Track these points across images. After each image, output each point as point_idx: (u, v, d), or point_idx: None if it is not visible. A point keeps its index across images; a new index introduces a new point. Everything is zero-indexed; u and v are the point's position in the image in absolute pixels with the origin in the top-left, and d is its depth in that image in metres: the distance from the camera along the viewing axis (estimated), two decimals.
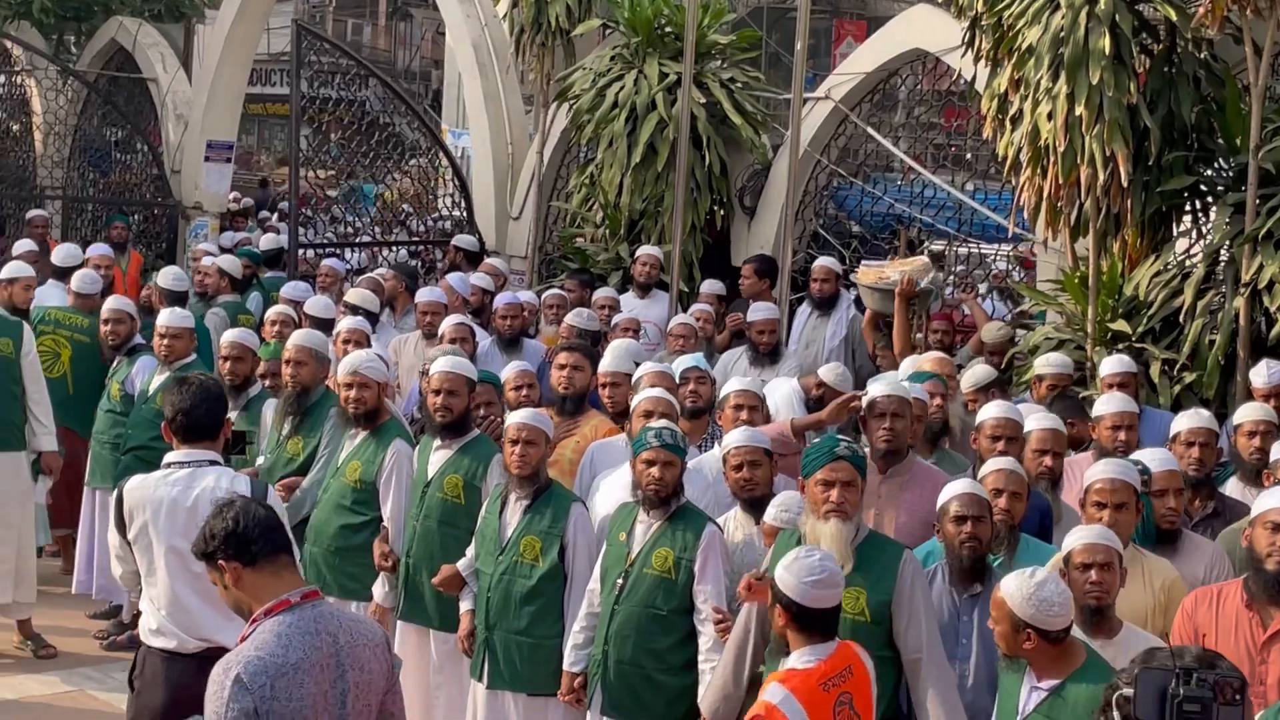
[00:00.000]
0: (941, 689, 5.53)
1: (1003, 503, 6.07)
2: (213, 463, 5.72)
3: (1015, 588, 4.98)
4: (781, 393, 7.98)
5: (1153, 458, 6.47)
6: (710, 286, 11.63)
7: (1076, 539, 5.49)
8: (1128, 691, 3.61)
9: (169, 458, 5.76)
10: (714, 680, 5.97)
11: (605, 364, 8.28)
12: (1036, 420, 6.96)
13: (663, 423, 6.60)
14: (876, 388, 6.86)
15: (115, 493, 5.82)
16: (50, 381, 9.65)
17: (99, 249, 12.66)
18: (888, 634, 5.60)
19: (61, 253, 11.67)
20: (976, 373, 8.45)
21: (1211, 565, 6.16)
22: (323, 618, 4.36)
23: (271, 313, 10.17)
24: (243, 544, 4.37)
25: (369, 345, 8.97)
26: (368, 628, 4.55)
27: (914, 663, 5.56)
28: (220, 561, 4.39)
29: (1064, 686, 4.97)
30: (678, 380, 7.90)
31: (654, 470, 6.30)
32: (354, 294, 10.70)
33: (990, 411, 7.02)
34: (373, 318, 10.43)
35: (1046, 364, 8.52)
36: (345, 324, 9.47)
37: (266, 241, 14.52)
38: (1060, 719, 4.94)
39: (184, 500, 5.61)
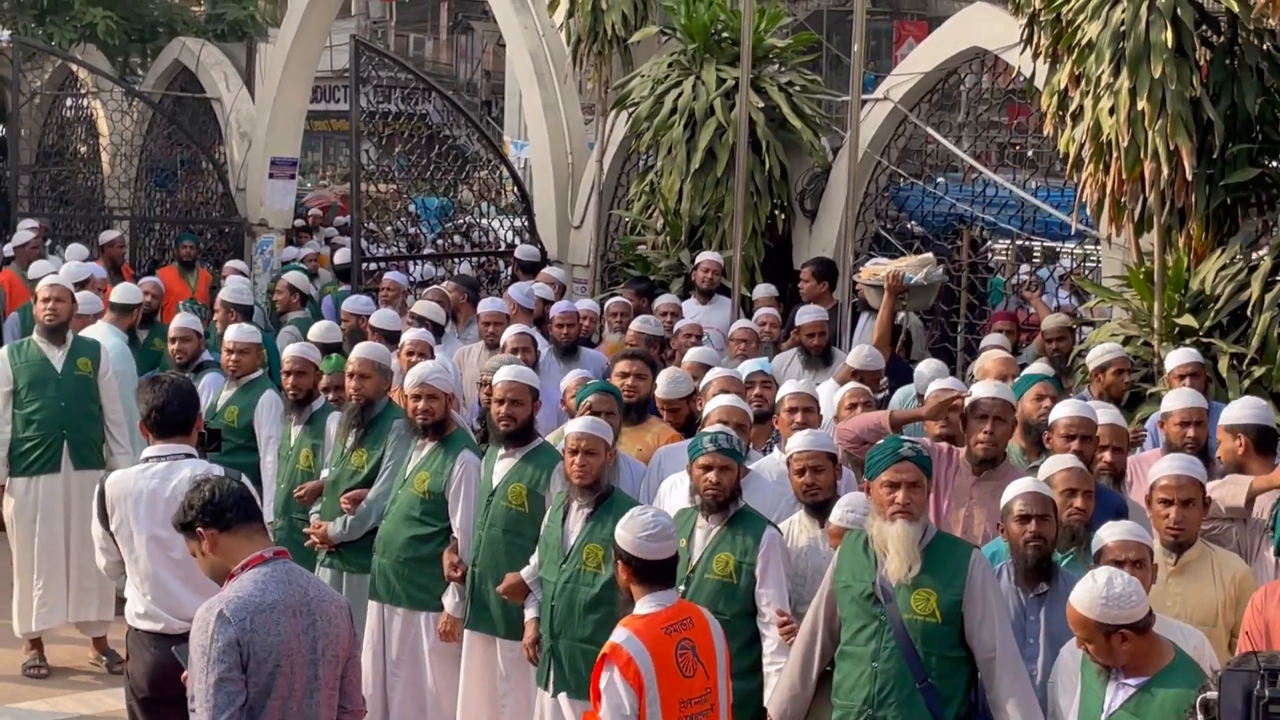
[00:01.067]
0: (1018, 688, 5.49)
1: (1078, 502, 6.05)
2: (188, 455, 6.19)
3: (1088, 598, 4.90)
4: (830, 398, 7.96)
5: None
6: (764, 290, 11.59)
7: (1109, 535, 5.47)
8: (1212, 695, 3.55)
9: (146, 452, 6.22)
10: (781, 681, 5.96)
11: (662, 390, 8.24)
12: (1100, 416, 6.90)
13: (718, 427, 6.59)
14: (981, 388, 6.84)
15: (97, 486, 6.24)
16: None
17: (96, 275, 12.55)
18: (959, 635, 5.56)
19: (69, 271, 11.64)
20: (1035, 371, 8.38)
21: None
22: (293, 572, 4.92)
23: (312, 334, 10.15)
24: (218, 512, 4.89)
25: (433, 357, 9.01)
26: (332, 591, 5.17)
27: (989, 662, 5.52)
28: (199, 529, 4.92)
29: (1153, 683, 4.90)
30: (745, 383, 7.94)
31: (711, 475, 6.29)
32: (420, 306, 10.74)
33: (1064, 410, 6.94)
34: (438, 329, 10.47)
35: (1106, 352, 8.43)
36: (410, 336, 9.51)
37: (340, 256, 14.62)
38: (1148, 716, 4.86)
39: (163, 491, 6.06)
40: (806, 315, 10.10)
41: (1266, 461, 6.79)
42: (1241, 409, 7.05)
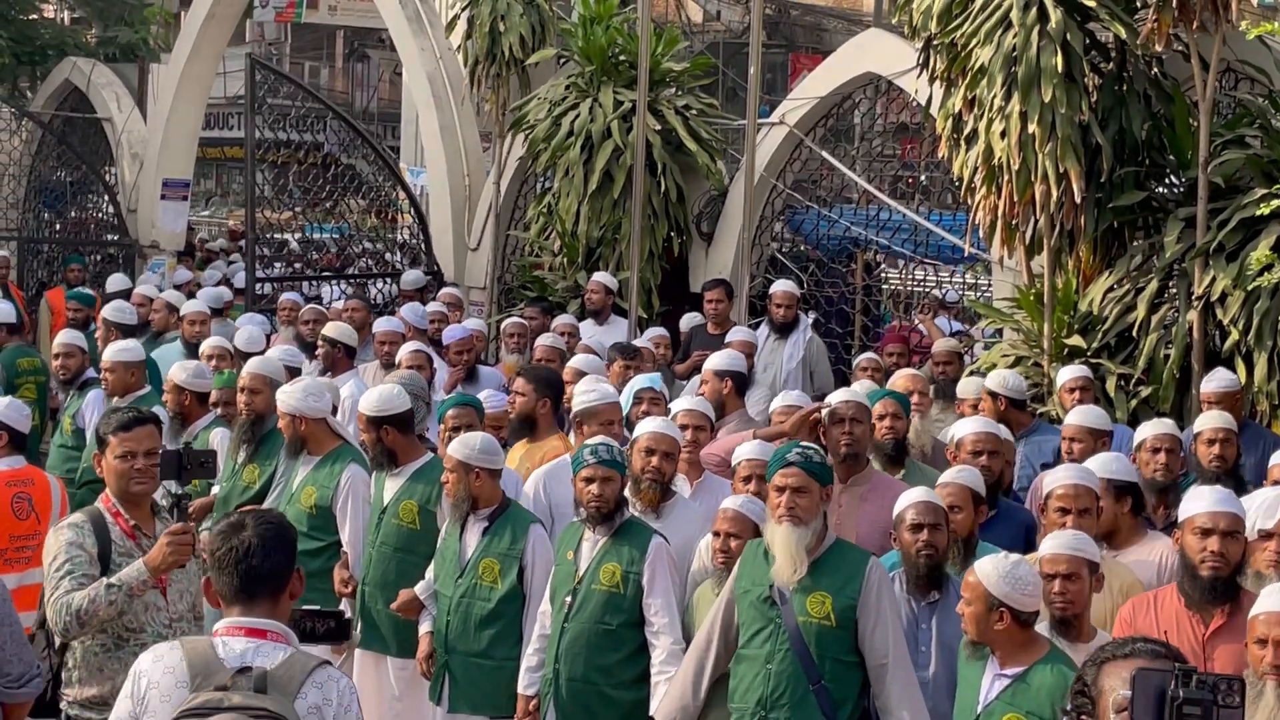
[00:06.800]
0: (907, 694, 5.52)
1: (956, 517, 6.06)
2: None
3: (990, 567, 5.05)
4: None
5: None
6: (652, 333, 11.44)
7: (1045, 548, 5.50)
8: (1125, 693, 3.55)
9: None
10: (671, 689, 5.94)
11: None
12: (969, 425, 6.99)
13: (600, 439, 6.57)
14: (836, 395, 6.90)
15: None
16: None
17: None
18: (853, 639, 5.58)
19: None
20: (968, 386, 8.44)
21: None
22: None
23: (207, 346, 10.04)
24: None
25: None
26: None
27: (880, 668, 5.55)
28: None
29: (1029, 674, 4.99)
30: (632, 400, 7.92)
31: (593, 487, 6.27)
32: (331, 328, 10.57)
33: (969, 427, 7.01)
34: (350, 351, 10.35)
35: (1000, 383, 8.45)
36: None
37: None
38: (1024, 705, 4.96)
39: None
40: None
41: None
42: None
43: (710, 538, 6.42)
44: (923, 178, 14.14)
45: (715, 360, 8.60)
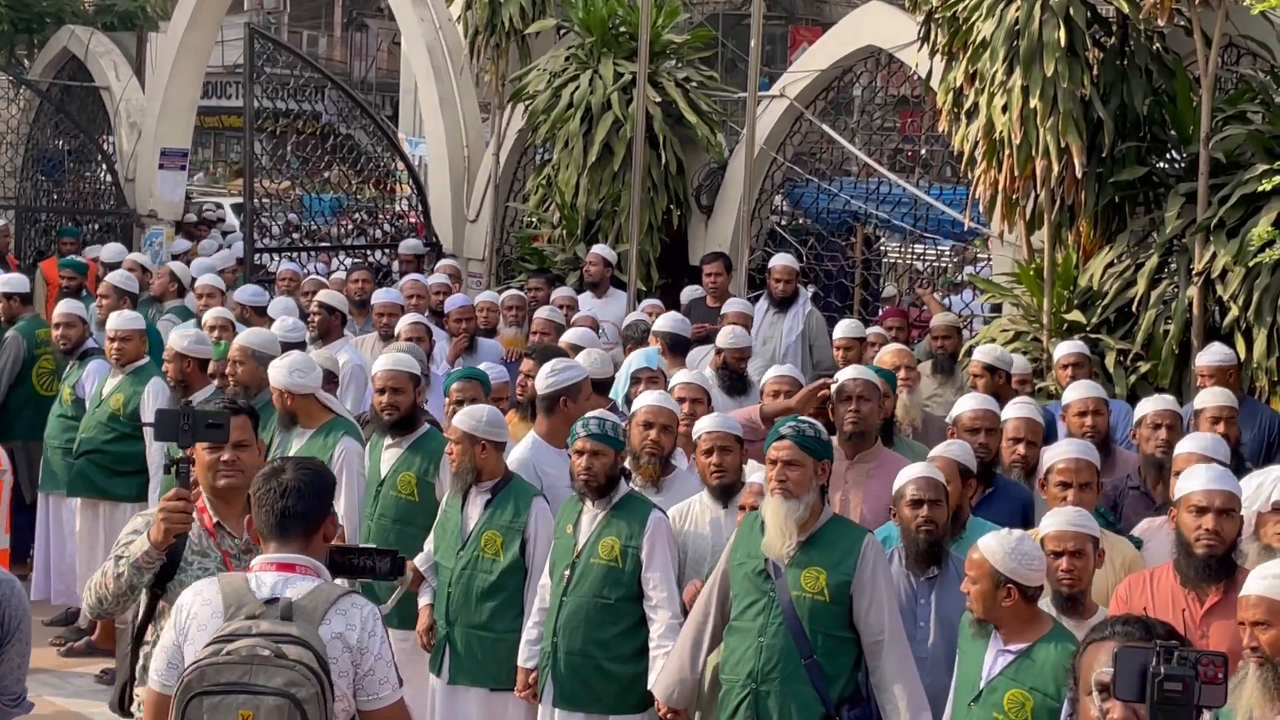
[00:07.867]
0: (902, 670, 5.53)
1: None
2: None
3: (995, 544, 5.06)
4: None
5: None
6: (647, 304, 11.45)
7: (1049, 524, 5.49)
8: (1108, 671, 3.56)
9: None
10: (669, 664, 5.95)
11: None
12: (1013, 410, 6.98)
13: (596, 413, 6.57)
14: (844, 372, 6.91)
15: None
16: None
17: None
18: (847, 615, 5.58)
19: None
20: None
21: None
22: None
23: (209, 316, 10.04)
24: None
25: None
26: None
27: (875, 644, 5.55)
28: None
29: (1032, 649, 5.01)
30: (629, 380, 7.91)
31: (583, 460, 6.27)
32: (327, 294, 10.55)
33: (967, 404, 7.02)
34: (344, 318, 10.35)
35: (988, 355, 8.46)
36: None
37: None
38: (1028, 681, 4.97)
39: None
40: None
41: None
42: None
43: (683, 504, 6.49)
44: (923, 151, 14.14)
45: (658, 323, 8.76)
